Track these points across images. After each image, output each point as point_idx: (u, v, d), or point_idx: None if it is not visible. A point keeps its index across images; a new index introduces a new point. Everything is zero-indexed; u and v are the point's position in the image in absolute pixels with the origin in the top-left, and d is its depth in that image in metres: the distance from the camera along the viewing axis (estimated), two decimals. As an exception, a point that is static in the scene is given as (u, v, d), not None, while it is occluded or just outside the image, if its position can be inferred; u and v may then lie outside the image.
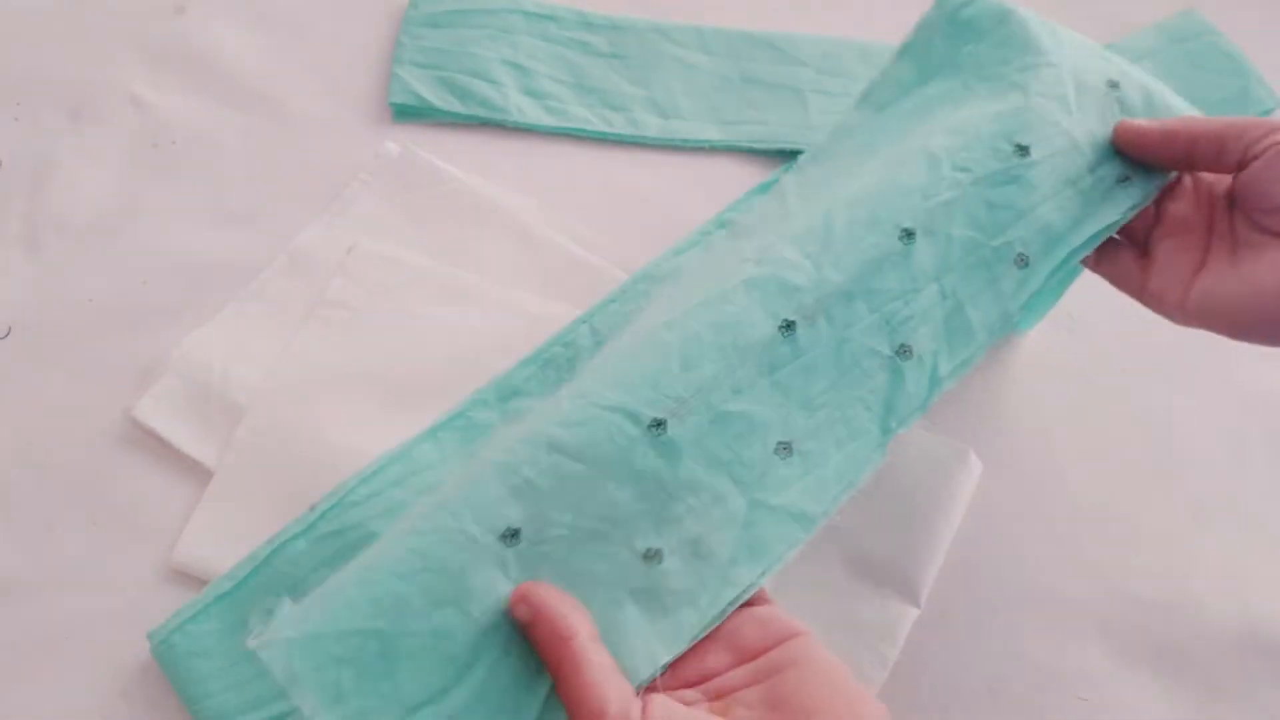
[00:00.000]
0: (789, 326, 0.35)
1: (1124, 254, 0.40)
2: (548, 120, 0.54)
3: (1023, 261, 0.37)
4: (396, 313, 0.47)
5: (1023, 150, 0.37)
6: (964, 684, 0.42)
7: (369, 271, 0.48)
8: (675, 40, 0.57)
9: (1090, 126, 0.38)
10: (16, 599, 0.41)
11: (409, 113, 0.54)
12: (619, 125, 0.55)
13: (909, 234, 0.36)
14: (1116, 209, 0.38)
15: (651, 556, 0.32)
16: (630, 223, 0.52)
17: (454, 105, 0.54)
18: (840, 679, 0.30)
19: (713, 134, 0.55)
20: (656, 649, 0.32)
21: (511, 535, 0.31)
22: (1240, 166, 0.36)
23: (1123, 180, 0.38)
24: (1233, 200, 0.38)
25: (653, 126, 0.55)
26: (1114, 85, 0.39)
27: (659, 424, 0.33)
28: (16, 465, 0.44)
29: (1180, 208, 0.39)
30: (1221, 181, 0.39)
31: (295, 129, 0.53)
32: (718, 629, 0.33)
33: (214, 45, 0.55)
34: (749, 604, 0.34)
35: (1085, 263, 0.41)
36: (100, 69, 0.54)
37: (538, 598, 0.30)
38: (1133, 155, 0.38)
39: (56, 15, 0.55)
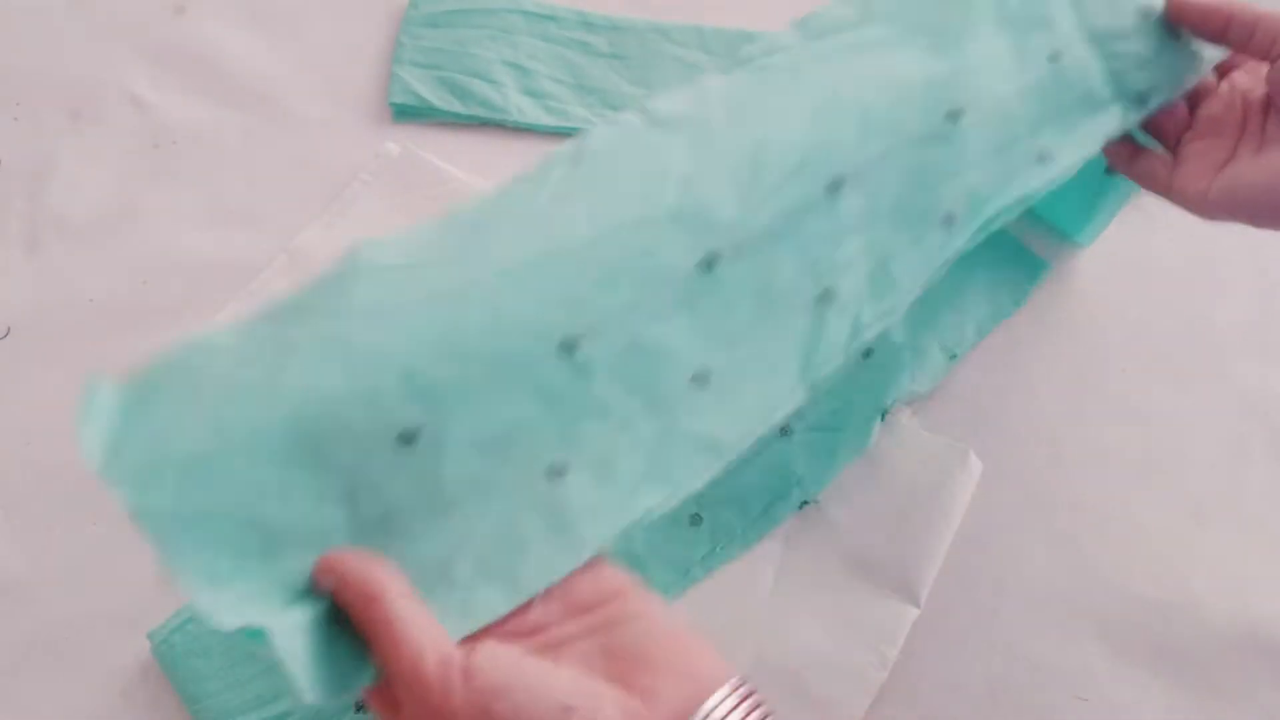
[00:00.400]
0: (711, 261, 0.34)
1: (1153, 157, 0.41)
2: (548, 120, 0.54)
3: (949, 221, 0.37)
4: (396, 313, 0.47)
5: (954, 115, 0.37)
6: (964, 684, 0.42)
7: (369, 271, 0.48)
8: (675, 40, 0.57)
9: (1026, 98, 0.38)
10: (16, 599, 0.41)
11: (409, 113, 0.54)
12: (619, 125, 0.55)
13: (837, 185, 0.36)
14: (1041, 178, 0.38)
15: (556, 472, 0.32)
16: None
17: (454, 105, 0.54)
18: (679, 630, 0.30)
19: (713, 134, 0.55)
20: (556, 561, 0.31)
21: (409, 437, 0.30)
22: (1271, 59, 0.37)
23: (1043, 158, 0.38)
24: (1268, 103, 0.39)
25: (653, 126, 0.55)
26: (1054, 58, 0.39)
27: (571, 343, 0.32)
28: (17, 465, 0.44)
29: (1214, 111, 0.40)
30: (1257, 88, 0.40)
31: (295, 129, 0.53)
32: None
33: (214, 45, 0.55)
34: None
35: (1116, 165, 0.42)
36: (100, 69, 0.54)
37: (340, 563, 0.29)
38: (1175, 22, 0.40)
39: (56, 15, 0.55)
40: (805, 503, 0.44)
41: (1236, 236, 0.51)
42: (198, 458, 0.29)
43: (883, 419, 0.45)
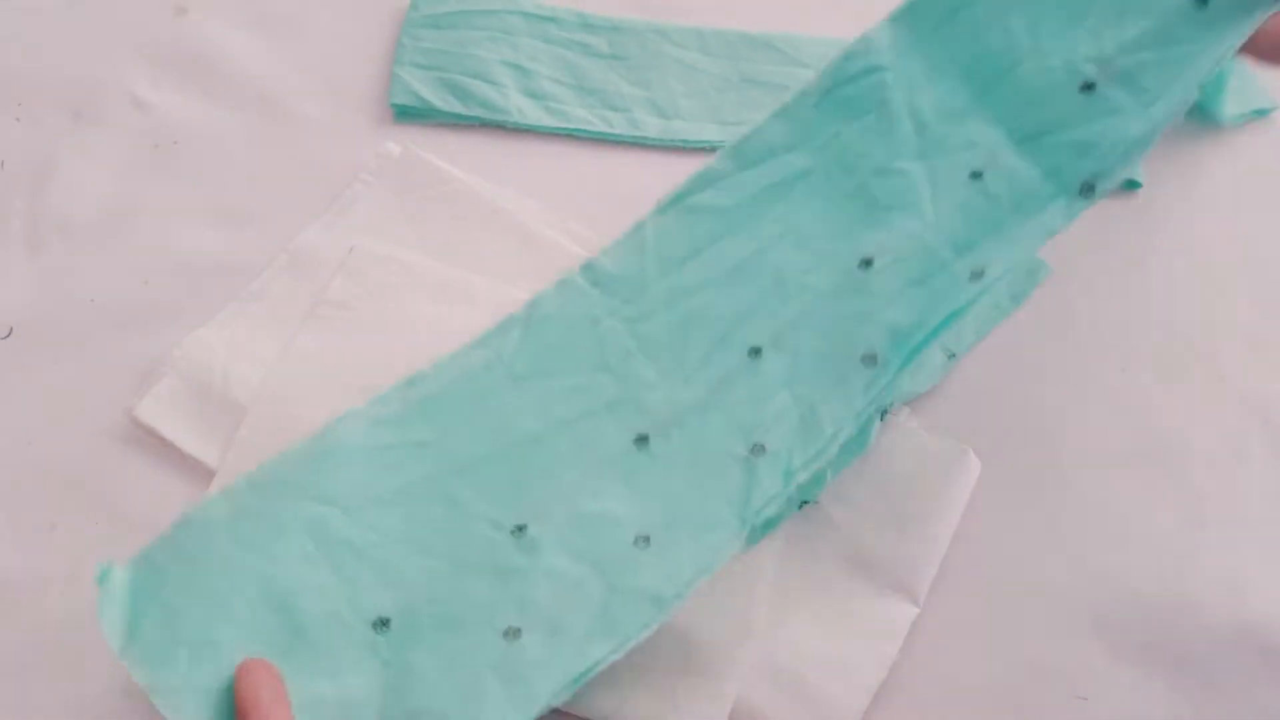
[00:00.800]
0: (644, 439, 0.39)
1: None
2: (548, 121, 0.54)
3: (870, 360, 0.39)
4: (397, 313, 0.47)
5: (866, 263, 0.40)
6: (964, 684, 0.42)
7: (369, 271, 0.48)
8: (675, 41, 0.57)
9: (949, 224, 0.40)
10: (16, 599, 0.41)
11: (410, 113, 0.54)
12: (619, 126, 0.55)
13: (757, 350, 0.40)
14: (965, 295, 0.39)
15: (511, 634, 0.36)
16: (630, 223, 0.51)
17: (455, 106, 0.54)
18: None
19: (713, 134, 0.55)
20: (511, 713, 0.35)
21: (383, 624, 0.36)
22: None
23: (976, 275, 0.39)
24: None
25: (653, 127, 0.55)
26: (977, 175, 0.40)
27: (521, 527, 0.37)
28: (18, 465, 0.44)
29: None
30: None
31: (296, 129, 0.53)
32: None
33: (215, 46, 0.55)
34: None
35: None
36: (101, 69, 0.54)
37: (238, 671, 0.33)
38: None
39: (57, 15, 0.55)
40: (805, 502, 0.44)
41: (1236, 236, 0.52)
42: (205, 640, 0.34)
43: (882, 419, 0.45)
